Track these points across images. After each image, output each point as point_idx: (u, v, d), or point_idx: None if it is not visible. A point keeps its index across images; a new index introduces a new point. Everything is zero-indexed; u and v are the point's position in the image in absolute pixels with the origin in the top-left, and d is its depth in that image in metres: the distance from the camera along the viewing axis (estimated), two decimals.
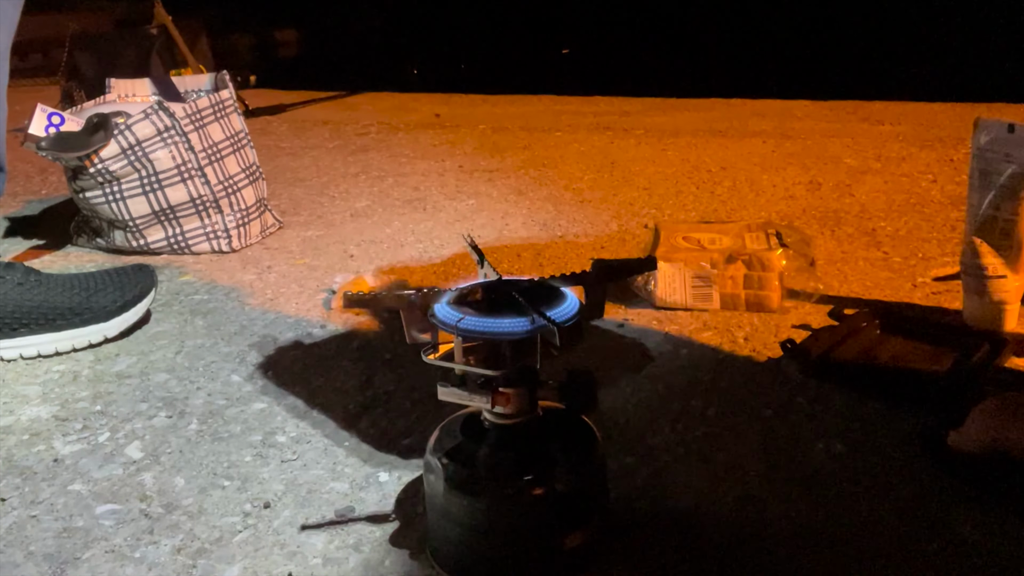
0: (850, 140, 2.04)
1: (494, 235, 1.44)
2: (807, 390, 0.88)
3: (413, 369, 0.96)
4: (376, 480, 0.75)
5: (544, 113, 2.64)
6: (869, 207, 1.51)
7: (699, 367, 0.94)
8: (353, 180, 1.86)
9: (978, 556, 0.63)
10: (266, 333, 1.08)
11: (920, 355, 0.91)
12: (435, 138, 2.29)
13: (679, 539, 0.66)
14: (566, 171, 1.87)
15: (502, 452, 0.61)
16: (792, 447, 0.78)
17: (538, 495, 0.59)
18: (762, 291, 1.07)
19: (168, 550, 0.68)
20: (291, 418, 0.87)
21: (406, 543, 0.67)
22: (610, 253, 1.33)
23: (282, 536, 0.69)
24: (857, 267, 1.23)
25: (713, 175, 1.77)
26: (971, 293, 1.00)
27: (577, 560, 0.62)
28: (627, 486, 0.73)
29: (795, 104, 2.57)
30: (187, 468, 0.79)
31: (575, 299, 0.61)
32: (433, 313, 0.60)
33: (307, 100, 3.02)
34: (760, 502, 0.70)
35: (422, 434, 0.82)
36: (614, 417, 0.84)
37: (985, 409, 0.74)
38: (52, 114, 1.33)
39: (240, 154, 1.44)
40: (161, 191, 1.35)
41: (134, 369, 0.99)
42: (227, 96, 1.45)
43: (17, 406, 0.91)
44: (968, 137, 0.99)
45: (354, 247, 1.41)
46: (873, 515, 0.68)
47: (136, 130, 1.31)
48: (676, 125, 2.34)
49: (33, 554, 0.68)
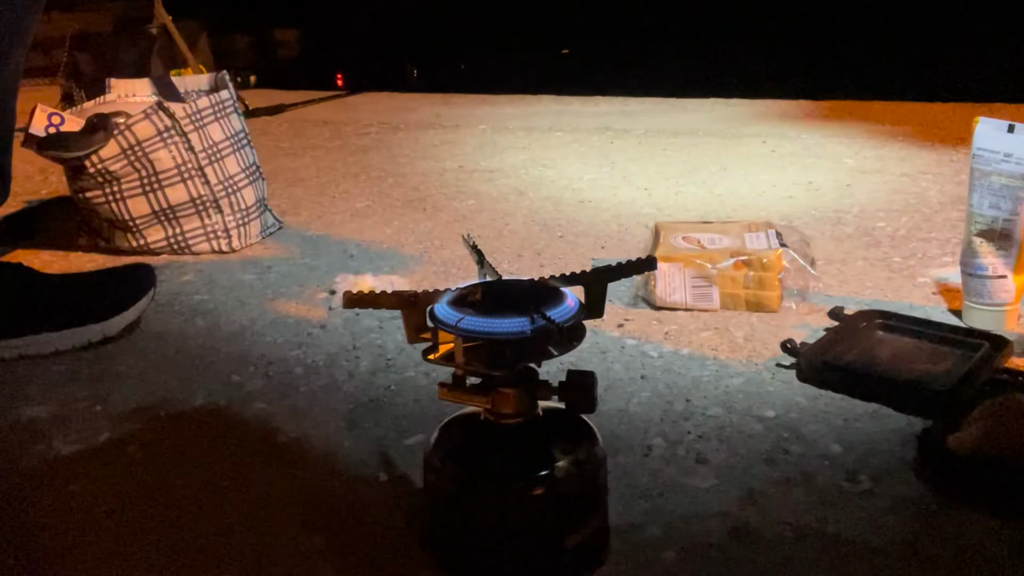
0: (850, 140, 2.04)
1: (494, 235, 1.44)
2: (807, 390, 0.88)
3: (413, 369, 0.96)
4: (376, 480, 0.75)
5: (544, 113, 2.64)
6: (869, 207, 1.51)
7: (699, 367, 0.94)
8: (353, 180, 1.86)
9: (978, 557, 0.63)
10: (266, 333, 1.08)
11: (920, 355, 0.91)
12: (435, 138, 2.29)
13: (679, 539, 0.66)
14: (566, 171, 1.87)
15: (502, 452, 0.61)
16: (792, 447, 0.78)
17: (538, 495, 0.59)
18: (762, 291, 1.07)
19: (168, 551, 0.68)
20: (291, 418, 0.87)
21: (406, 543, 0.67)
22: (610, 253, 1.33)
23: (282, 536, 0.69)
24: (857, 267, 1.23)
25: (713, 175, 1.77)
26: (971, 293, 1.00)
27: (577, 560, 0.62)
28: (627, 486, 0.73)
29: (796, 104, 2.57)
30: (187, 468, 0.79)
31: (575, 299, 0.61)
32: (433, 313, 0.60)
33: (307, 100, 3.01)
34: (761, 502, 0.70)
35: (422, 434, 0.82)
36: (614, 417, 0.84)
37: (984, 412, 0.74)
38: (52, 114, 1.33)
39: (240, 154, 1.44)
40: (161, 191, 1.35)
41: (134, 369, 0.99)
42: (227, 96, 1.44)
43: (17, 406, 0.91)
44: (968, 137, 0.99)
45: (354, 247, 1.41)
46: (873, 515, 0.68)
47: (136, 130, 1.31)
48: (676, 125, 2.34)
49: (33, 554, 0.68)
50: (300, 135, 2.40)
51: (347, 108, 2.86)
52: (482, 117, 2.57)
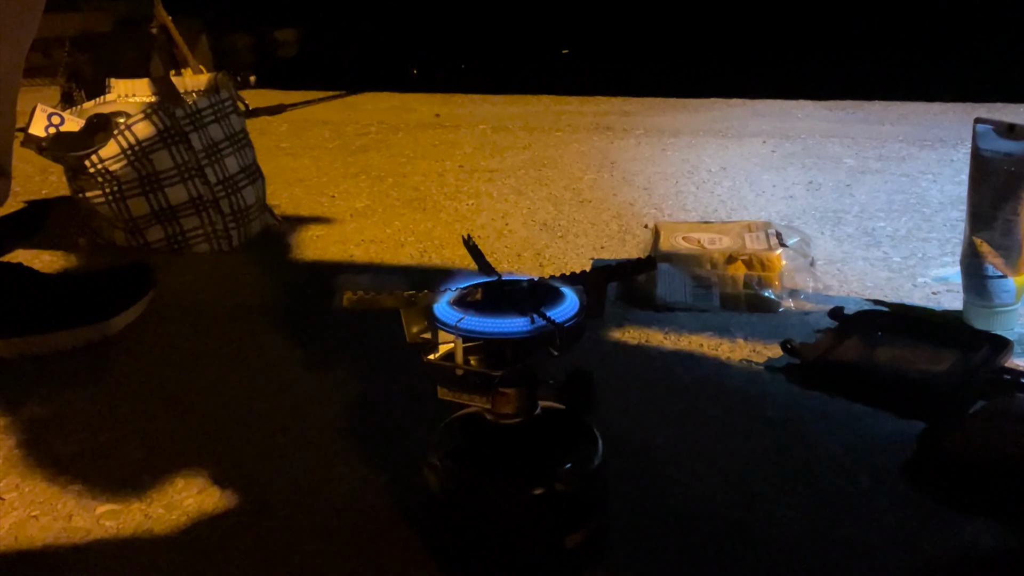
0: (850, 140, 2.04)
1: (494, 235, 1.44)
2: (808, 390, 0.88)
3: (413, 369, 0.96)
4: (376, 480, 0.75)
5: (544, 113, 2.63)
6: (869, 207, 1.51)
7: (699, 367, 0.94)
8: (353, 180, 1.86)
9: (978, 557, 0.63)
10: (266, 333, 1.08)
11: (920, 355, 0.91)
12: (435, 138, 2.28)
13: (679, 539, 0.66)
14: (566, 171, 1.87)
15: (502, 452, 0.61)
16: (793, 447, 0.78)
17: (538, 495, 0.59)
18: (762, 291, 1.07)
19: (169, 551, 0.68)
20: (291, 418, 0.87)
21: (406, 543, 0.67)
22: (610, 253, 1.33)
23: (282, 536, 0.69)
24: (857, 267, 1.23)
25: (713, 175, 1.77)
26: (971, 293, 1.00)
27: (577, 560, 0.62)
28: (627, 486, 0.73)
29: (795, 104, 2.57)
30: (187, 468, 0.79)
31: (575, 299, 0.61)
32: (433, 313, 0.60)
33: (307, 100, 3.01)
34: (761, 502, 0.70)
35: (422, 434, 0.82)
36: (614, 417, 0.84)
37: (983, 413, 0.74)
38: (52, 114, 1.33)
39: (240, 154, 1.44)
40: (161, 191, 1.35)
41: (134, 369, 0.99)
42: (227, 96, 1.44)
43: (17, 406, 0.91)
44: (968, 137, 0.99)
45: (354, 247, 1.41)
46: (873, 515, 0.68)
47: (136, 130, 1.31)
48: (676, 125, 2.33)
49: (33, 554, 0.68)
50: (300, 135, 2.40)
51: (347, 108, 2.86)
52: (482, 117, 2.57)
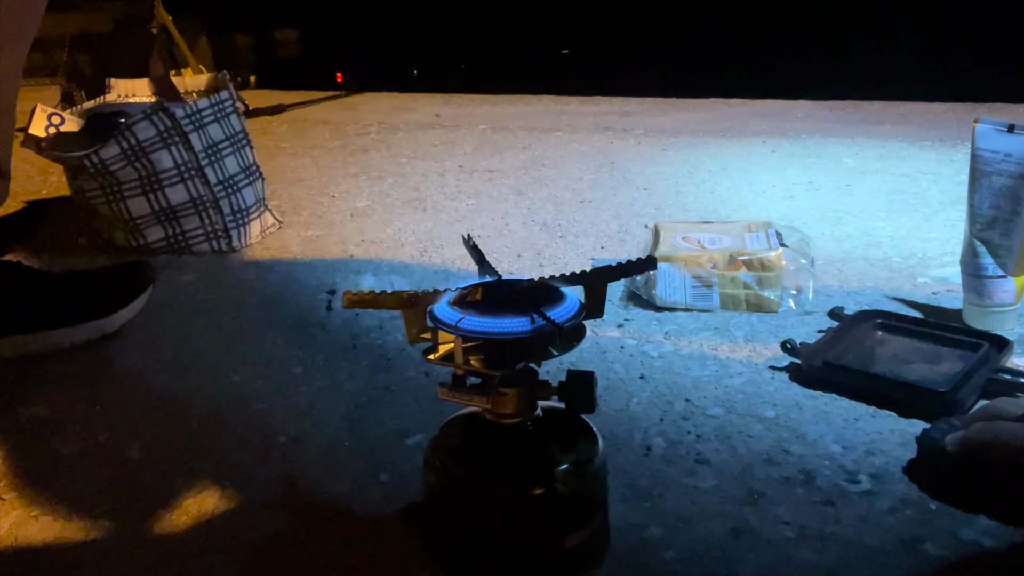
0: (850, 140, 2.04)
1: (494, 235, 1.44)
2: (807, 390, 0.88)
3: (413, 369, 0.96)
4: (376, 480, 0.75)
5: (544, 113, 2.63)
6: (869, 207, 1.51)
7: (700, 367, 0.94)
8: (353, 180, 1.86)
9: (978, 557, 0.63)
10: (266, 333, 1.08)
11: (920, 355, 0.91)
12: (435, 138, 2.29)
13: (679, 539, 0.66)
14: (566, 171, 1.87)
15: (502, 452, 0.61)
16: (793, 447, 0.78)
17: (538, 495, 0.59)
18: (762, 291, 1.07)
19: (168, 551, 0.68)
20: (291, 418, 0.87)
21: (406, 543, 0.67)
22: (610, 253, 1.33)
23: (282, 536, 0.69)
24: (857, 267, 1.23)
25: (713, 175, 1.77)
26: (971, 293, 1.00)
27: (577, 560, 0.62)
28: (627, 486, 0.73)
29: (795, 104, 2.57)
30: (187, 468, 0.79)
31: (575, 299, 0.61)
32: (433, 313, 0.60)
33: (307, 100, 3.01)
34: (761, 502, 0.70)
35: (422, 434, 0.82)
36: (614, 417, 0.84)
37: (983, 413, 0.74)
38: (52, 114, 1.33)
39: (240, 154, 1.44)
40: (161, 191, 1.35)
41: (134, 369, 0.99)
42: (227, 96, 1.44)
43: (17, 406, 0.91)
44: (968, 137, 0.99)
45: (354, 247, 1.41)
46: (873, 515, 0.68)
47: (136, 130, 1.31)
48: (676, 125, 2.33)
49: (33, 554, 0.68)
50: (300, 135, 2.40)
51: (347, 108, 2.86)
52: (482, 117, 2.57)
